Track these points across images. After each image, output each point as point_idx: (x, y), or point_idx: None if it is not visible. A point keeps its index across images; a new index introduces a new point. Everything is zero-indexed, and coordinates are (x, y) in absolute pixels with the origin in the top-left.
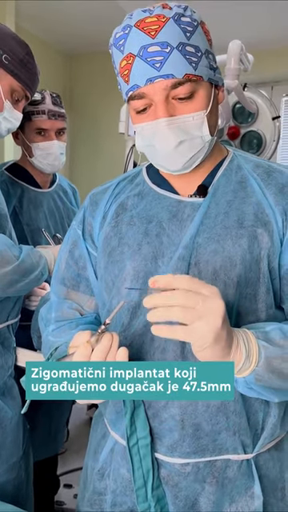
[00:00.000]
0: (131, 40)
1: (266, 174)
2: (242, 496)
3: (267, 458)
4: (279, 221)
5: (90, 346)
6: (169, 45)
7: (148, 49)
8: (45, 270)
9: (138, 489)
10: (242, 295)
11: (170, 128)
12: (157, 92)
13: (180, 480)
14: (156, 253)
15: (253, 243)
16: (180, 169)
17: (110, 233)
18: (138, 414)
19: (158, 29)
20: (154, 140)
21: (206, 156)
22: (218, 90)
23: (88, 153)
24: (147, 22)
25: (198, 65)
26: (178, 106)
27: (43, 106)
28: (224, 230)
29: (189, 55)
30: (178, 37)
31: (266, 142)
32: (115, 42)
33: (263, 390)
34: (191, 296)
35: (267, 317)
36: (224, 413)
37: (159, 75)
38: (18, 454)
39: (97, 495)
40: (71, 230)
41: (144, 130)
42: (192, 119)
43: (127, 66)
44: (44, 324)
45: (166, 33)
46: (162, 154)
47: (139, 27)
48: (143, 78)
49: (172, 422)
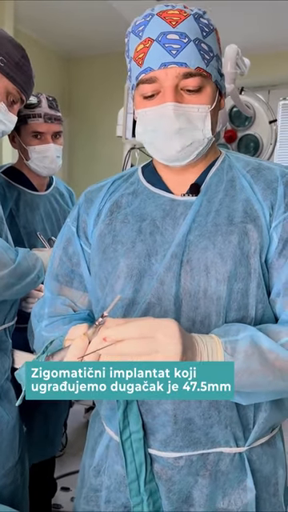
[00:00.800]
0: (152, 26)
1: (256, 171)
2: (235, 489)
3: (260, 453)
4: (267, 215)
5: (87, 338)
6: (187, 36)
7: (167, 35)
8: (41, 273)
9: (131, 482)
10: (233, 290)
11: (176, 113)
12: (169, 77)
13: (173, 474)
14: (149, 250)
15: (243, 239)
16: (176, 155)
17: (104, 230)
18: (131, 408)
19: (179, 20)
20: (157, 124)
21: (202, 153)
22: (221, 97)
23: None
24: (169, 13)
25: (209, 63)
26: (186, 96)
27: (39, 110)
28: (215, 227)
29: (203, 51)
30: (196, 32)
31: (263, 146)
32: (134, 28)
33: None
34: (143, 344)
35: (258, 311)
36: (216, 407)
37: (174, 61)
38: (13, 458)
39: (93, 492)
40: (65, 226)
41: (147, 115)
42: (197, 110)
43: (144, 49)
44: (37, 320)
45: (185, 25)
46: (162, 137)
47: (161, 16)
48: (158, 62)
49: (165, 417)
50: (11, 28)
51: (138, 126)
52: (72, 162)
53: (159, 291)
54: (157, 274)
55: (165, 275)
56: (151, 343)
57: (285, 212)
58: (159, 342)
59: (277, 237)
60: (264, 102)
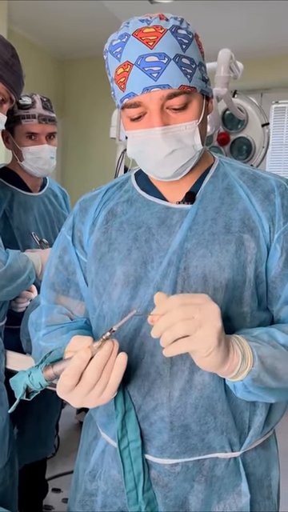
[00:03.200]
0: (129, 48)
1: (252, 181)
2: (230, 494)
3: (254, 456)
4: (266, 227)
5: (91, 351)
6: (166, 56)
7: (146, 58)
8: (32, 275)
9: (129, 491)
10: (229, 299)
11: (164, 137)
12: (153, 101)
13: (170, 480)
14: (145, 258)
15: (240, 248)
16: (170, 176)
17: (100, 238)
18: (129, 416)
19: (156, 39)
20: (146, 147)
21: (194, 164)
22: (208, 101)
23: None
24: (145, 33)
25: (192, 76)
26: (172, 115)
27: (33, 111)
28: (212, 235)
29: (184, 67)
30: (175, 48)
31: (256, 149)
32: (111, 48)
33: (260, 392)
34: (187, 308)
35: (251, 319)
36: (212, 413)
37: (156, 85)
38: (3, 460)
39: (88, 496)
40: (61, 235)
41: (137, 137)
42: (185, 128)
43: (124, 73)
44: (34, 329)
45: (163, 44)
46: (153, 161)
47: (137, 36)
48: (140, 87)
49: (161, 423)
50: (5, 29)
51: (129, 145)
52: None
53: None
54: (153, 282)
55: (161, 282)
56: (192, 306)
57: (285, 223)
58: (199, 304)
59: (280, 247)
60: (257, 106)
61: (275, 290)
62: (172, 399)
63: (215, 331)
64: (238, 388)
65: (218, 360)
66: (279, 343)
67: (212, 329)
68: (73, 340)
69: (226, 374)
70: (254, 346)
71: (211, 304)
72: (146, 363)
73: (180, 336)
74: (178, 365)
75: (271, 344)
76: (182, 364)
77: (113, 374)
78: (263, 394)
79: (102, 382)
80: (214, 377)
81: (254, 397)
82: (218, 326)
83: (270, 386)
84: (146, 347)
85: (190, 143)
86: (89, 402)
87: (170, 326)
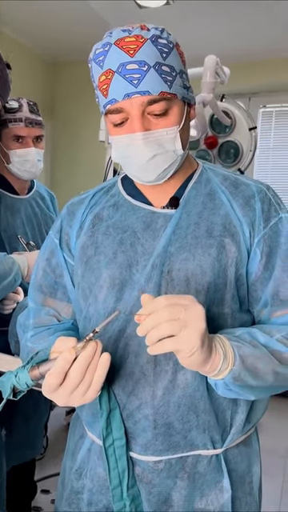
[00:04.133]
0: (111, 57)
1: (234, 187)
2: (212, 490)
3: (236, 453)
4: (246, 231)
5: (75, 351)
6: (146, 64)
7: (127, 66)
8: (18, 277)
9: (114, 488)
10: (211, 301)
11: (145, 142)
12: (134, 107)
13: (153, 477)
14: (130, 261)
15: (221, 252)
16: (153, 180)
17: (86, 242)
18: (114, 415)
19: (136, 48)
20: (129, 152)
21: (177, 168)
22: (190, 108)
23: (69, 160)
24: (126, 41)
25: (172, 83)
26: (153, 121)
27: (20, 114)
28: (194, 239)
29: (164, 74)
30: (155, 57)
31: (243, 152)
32: (95, 57)
33: (241, 390)
34: (173, 309)
35: (233, 320)
36: (194, 411)
37: (136, 91)
38: None
39: (74, 494)
40: (48, 238)
41: (120, 142)
42: (166, 134)
43: (106, 80)
44: (22, 330)
45: (143, 52)
46: (136, 165)
47: (119, 45)
48: (121, 93)
49: (145, 422)
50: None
51: (113, 150)
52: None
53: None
54: (138, 284)
55: (146, 285)
56: (178, 307)
57: (265, 228)
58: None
59: (260, 251)
60: (244, 110)
61: (255, 292)
62: (155, 398)
63: (199, 332)
64: (219, 386)
65: (200, 359)
66: (260, 343)
67: (196, 330)
68: (57, 341)
69: (208, 372)
70: (235, 346)
71: (196, 305)
72: (130, 363)
73: (165, 336)
74: (162, 365)
75: (252, 344)
76: (165, 364)
77: (96, 374)
78: (243, 392)
79: (86, 382)
80: (196, 376)
81: (235, 394)
82: (202, 327)
83: (250, 385)
84: (131, 348)
85: (171, 148)
86: (73, 401)
87: (156, 325)
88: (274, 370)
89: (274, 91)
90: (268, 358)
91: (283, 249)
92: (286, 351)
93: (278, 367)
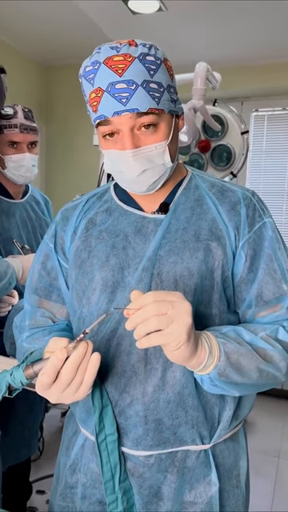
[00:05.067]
0: (100, 75)
1: (220, 193)
2: (201, 483)
3: (223, 448)
4: (232, 235)
5: (67, 351)
6: (134, 82)
7: (115, 85)
8: (12, 279)
9: (107, 482)
10: (198, 302)
11: (135, 158)
12: (123, 122)
13: (144, 471)
14: (122, 264)
15: (208, 255)
16: (145, 191)
17: (80, 246)
18: (106, 412)
19: (124, 67)
20: (121, 167)
21: (167, 178)
22: (178, 119)
23: (63, 164)
24: (115, 61)
25: (160, 99)
26: (143, 137)
27: (15, 120)
28: (183, 243)
29: (152, 91)
30: (143, 75)
31: (236, 156)
32: (85, 74)
33: (226, 386)
34: (161, 304)
35: (220, 320)
36: (183, 408)
37: (125, 109)
38: None
39: (68, 489)
40: (43, 243)
41: (112, 156)
42: (155, 149)
43: (96, 98)
44: (18, 331)
45: (131, 72)
46: (128, 179)
47: (107, 65)
48: (111, 111)
49: (136, 418)
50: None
51: (106, 162)
52: (49, 170)
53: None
54: (129, 286)
55: (137, 287)
56: (166, 303)
57: (249, 232)
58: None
59: (244, 254)
60: (236, 114)
61: (240, 293)
62: (146, 395)
63: (185, 327)
64: (205, 381)
65: (186, 354)
66: (245, 341)
67: (182, 325)
68: (51, 341)
69: (194, 366)
70: (221, 342)
71: (184, 302)
72: (122, 362)
73: (153, 330)
74: (152, 363)
75: (237, 341)
76: (155, 362)
77: (87, 373)
78: (228, 388)
79: (77, 380)
80: (184, 374)
81: (220, 390)
82: (189, 322)
83: (235, 381)
84: (122, 347)
85: (161, 162)
86: (65, 399)
87: (144, 319)
88: (258, 367)
89: (266, 95)
90: (252, 355)
91: (267, 252)
92: (270, 349)
93: (262, 364)
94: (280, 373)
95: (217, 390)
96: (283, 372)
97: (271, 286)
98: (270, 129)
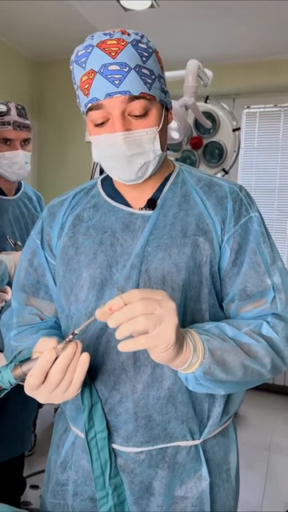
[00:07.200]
0: (93, 58)
1: (208, 187)
2: (191, 478)
3: (213, 443)
4: (218, 229)
5: (56, 352)
6: (127, 65)
7: (108, 67)
8: (4, 276)
9: (97, 478)
10: (187, 297)
11: (126, 142)
12: (115, 105)
13: (135, 467)
14: (110, 261)
15: (195, 250)
16: (134, 179)
17: (67, 243)
18: (96, 410)
19: (118, 50)
20: (109, 151)
21: (156, 168)
22: (168, 112)
23: (56, 160)
24: (108, 44)
25: (151, 86)
26: (134, 122)
27: (8, 118)
28: (170, 239)
29: (144, 76)
30: (136, 59)
31: (227, 152)
32: (77, 59)
33: (211, 384)
34: (148, 303)
35: (211, 315)
36: (172, 404)
37: (117, 91)
38: None
39: (59, 486)
40: (30, 239)
41: (100, 142)
42: (146, 134)
43: (88, 80)
44: (6, 329)
45: (125, 55)
46: (116, 164)
47: (100, 47)
48: (103, 93)
49: (126, 415)
50: None
51: (94, 150)
52: (42, 166)
53: None
54: (118, 283)
55: (125, 284)
56: (153, 301)
57: (235, 226)
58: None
59: (229, 248)
60: (228, 111)
61: (225, 287)
62: (136, 392)
63: (174, 329)
64: (190, 380)
65: (173, 355)
66: (228, 336)
67: (171, 326)
68: (39, 342)
69: (179, 366)
70: (204, 340)
71: (169, 301)
72: (111, 359)
73: (139, 330)
74: (141, 360)
75: (221, 337)
76: (144, 359)
77: (76, 373)
78: (214, 387)
79: (67, 380)
80: (173, 370)
81: (205, 389)
82: (177, 322)
83: (220, 379)
84: (112, 344)
85: (151, 148)
86: (55, 399)
87: (130, 318)
88: (242, 363)
89: (258, 92)
90: (236, 351)
91: (252, 246)
92: (254, 344)
93: (246, 360)
94: (265, 369)
95: (202, 388)
96: (268, 368)
97: (255, 280)
98: (261, 126)
